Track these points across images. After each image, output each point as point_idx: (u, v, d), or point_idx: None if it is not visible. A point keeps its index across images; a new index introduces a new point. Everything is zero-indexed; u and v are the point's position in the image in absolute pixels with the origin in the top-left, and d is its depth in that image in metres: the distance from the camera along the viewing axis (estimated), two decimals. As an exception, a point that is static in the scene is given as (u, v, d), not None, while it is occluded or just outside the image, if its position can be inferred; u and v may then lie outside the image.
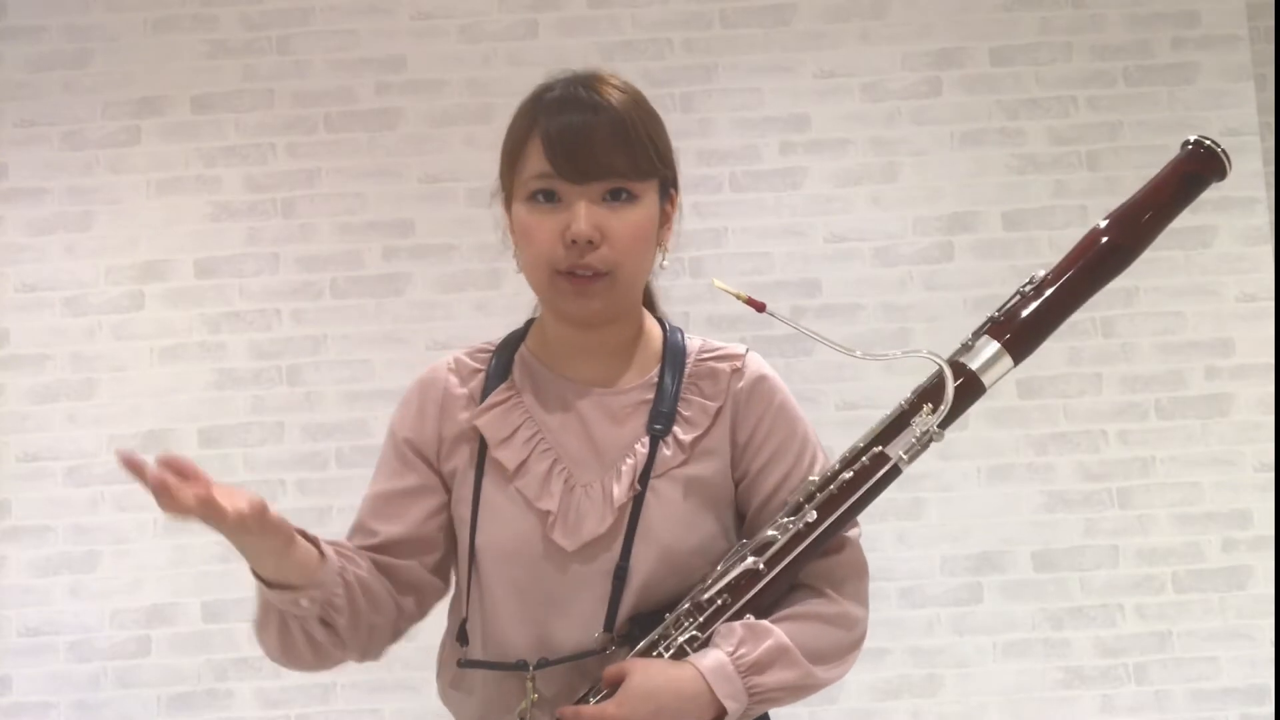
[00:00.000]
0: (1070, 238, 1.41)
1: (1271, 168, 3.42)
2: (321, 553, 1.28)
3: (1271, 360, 3.33)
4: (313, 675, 3.21)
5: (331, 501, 3.27)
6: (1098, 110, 3.43)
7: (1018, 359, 1.29)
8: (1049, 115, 3.44)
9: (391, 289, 3.39)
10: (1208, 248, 3.39)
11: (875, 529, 3.27)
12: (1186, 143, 1.34)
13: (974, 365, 1.29)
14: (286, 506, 3.28)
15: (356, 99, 3.44)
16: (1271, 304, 3.36)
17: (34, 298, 3.38)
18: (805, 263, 3.40)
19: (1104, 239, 1.31)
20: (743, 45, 3.46)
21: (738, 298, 1.35)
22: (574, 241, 1.28)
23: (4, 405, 3.35)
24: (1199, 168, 1.32)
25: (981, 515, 3.32)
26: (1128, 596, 3.29)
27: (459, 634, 1.37)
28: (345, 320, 3.39)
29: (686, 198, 3.50)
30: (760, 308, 1.35)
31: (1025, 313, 1.30)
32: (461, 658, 1.36)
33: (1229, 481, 3.33)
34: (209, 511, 1.15)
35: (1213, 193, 3.72)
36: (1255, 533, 3.30)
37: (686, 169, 3.33)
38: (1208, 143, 1.31)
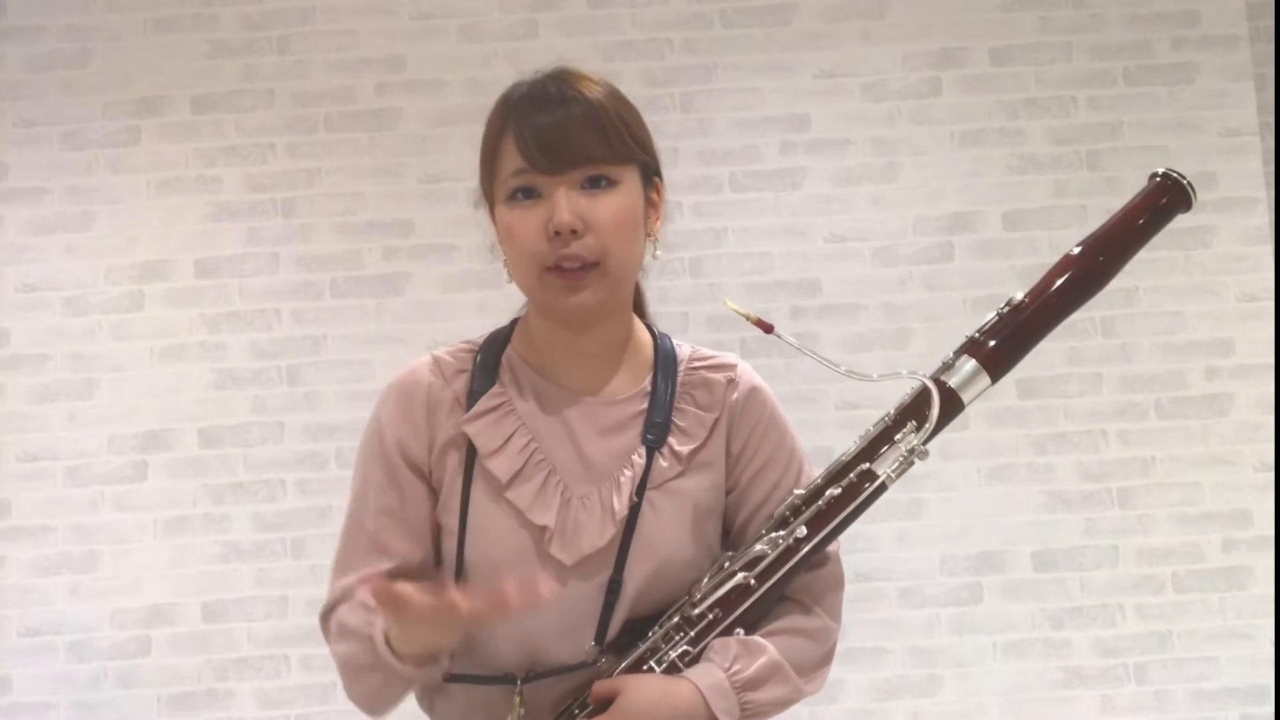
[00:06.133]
0: (1070, 238, 1.44)
1: (1271, 168, 3.42)
2: None
3: (1271, 360, 3.33)
4: (313, 675, 3.22)
5: (331, 501, 3.27)
6: (1098, 110, 3.43)
7: (995, 377, 1.34)
8: (1049, 115, 3.44)
9: (391, 289, 3.39)
10: (1208, 248, 3.39)
11: (875, 529, 3.27)
12: (1155, 175, 1.39)
13: (953, 382, 1.33)
14: (286, 507, 3.30)
15: (356, 99, 3.44)
16: (1271, 304, 3.36)
17: (34, 298, 3.38)
18: (805, 263, 3.39)
19: (1077, 267, 1.37)
20: (743, 45, 3.46)
21: (747, 318, 1.35)
22: (557, 233, 1.25)
23: (4, 405, 3.35)
24: (1168, 201, 1.38)
25: (981, 515, 3.32)
26: (1128, 596, 3.29)
27: None
28: (345, 320, 3.39)
29: (686, 197, 3.53)
30: (769, 329, 1.34)
31: (1003, 334, 1.35)
32: (447, 671, 1.30)
33: (1229, 481, 3.33)
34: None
35: (1213, 193, 3.71)
36: (1255, 533, 3.30)
37: (686, 169, 3.37)
38: (1174, 175, 1.37)
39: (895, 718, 3.27)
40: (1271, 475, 3.30)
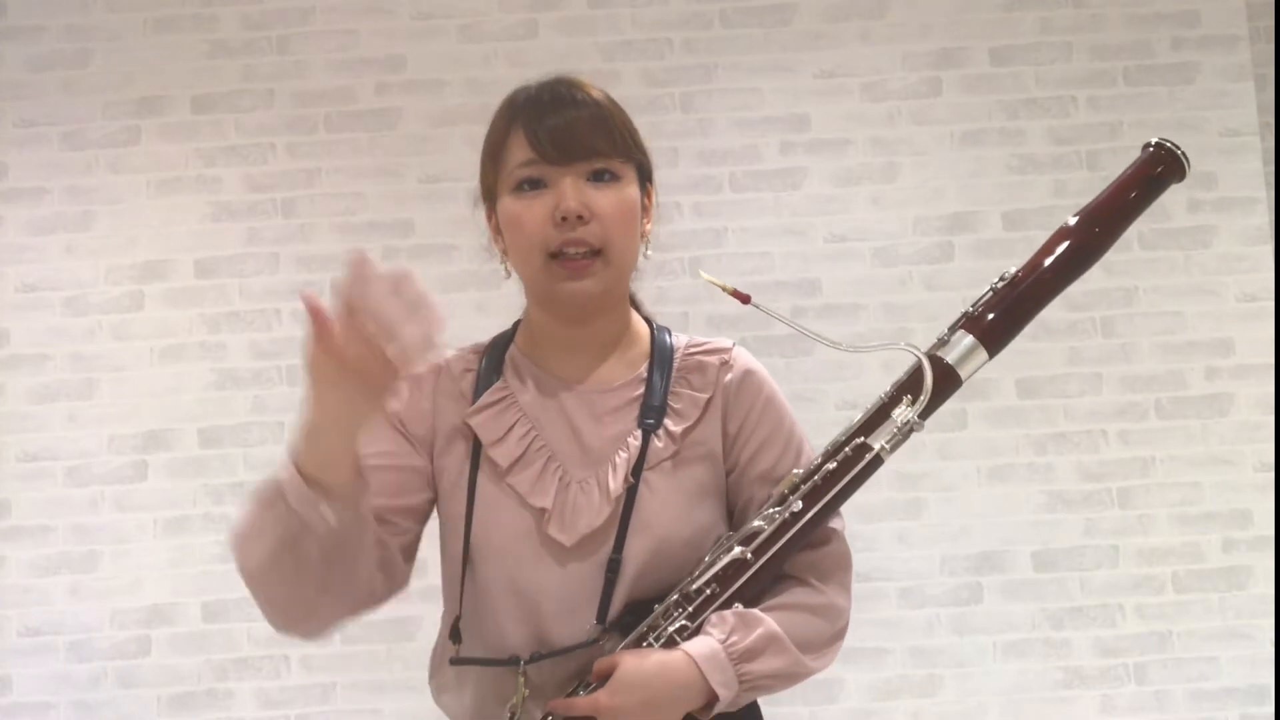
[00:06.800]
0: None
1: (1271, 168, 3.42)
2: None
3: (1271, 360, 3.33)
4: (313, 675, 3.22)
5: (331, 501, 3.27)
6: (1098, 110, 3.43)
7: (992, 352, 1.35)
8: (1049, 115, 3.44)
9: (391, 289, 3.39)
10: (1208, 248, 3.39)
11: (875, 529, 3.27)
12: (1148, 145, 1.40)
13: (950, 358, 1.34)
14: (286, 506, 3.30)
15: (356, 99, 3.44)
16: (1271, 304, 3.36)
17: (34, 298, 3.38)
18: (805, 263, 3.40)
19: (1072, 237, 1.38)
20: (743, 45, 3.46)
21: (724, 289, 1.37)
22: (564, 218, 1.30)
23: (4, 405, 3.35)
24: (1161, 170, 1.38)
25: (981, 515, 3.32)
26: (1128, 596, 3.29)
27: (452, 632, 1.37)
28: (345, 320, 3.38)
29: (686, 197, 3.52)
30: (745, 299, 1.37)
31: (999, 308, 1.35)
32: (453, 655, 1.36)
33: (1229, 481, 3.33)
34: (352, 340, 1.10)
35: (1213, 192, 3.70)
36: (1255, 533, 3.30)
37: (686, 169, 3.38)
38: (1168, 145, 1.38)
39: (895, 718, 3.27)
40: (1271, 475, 3.30)
